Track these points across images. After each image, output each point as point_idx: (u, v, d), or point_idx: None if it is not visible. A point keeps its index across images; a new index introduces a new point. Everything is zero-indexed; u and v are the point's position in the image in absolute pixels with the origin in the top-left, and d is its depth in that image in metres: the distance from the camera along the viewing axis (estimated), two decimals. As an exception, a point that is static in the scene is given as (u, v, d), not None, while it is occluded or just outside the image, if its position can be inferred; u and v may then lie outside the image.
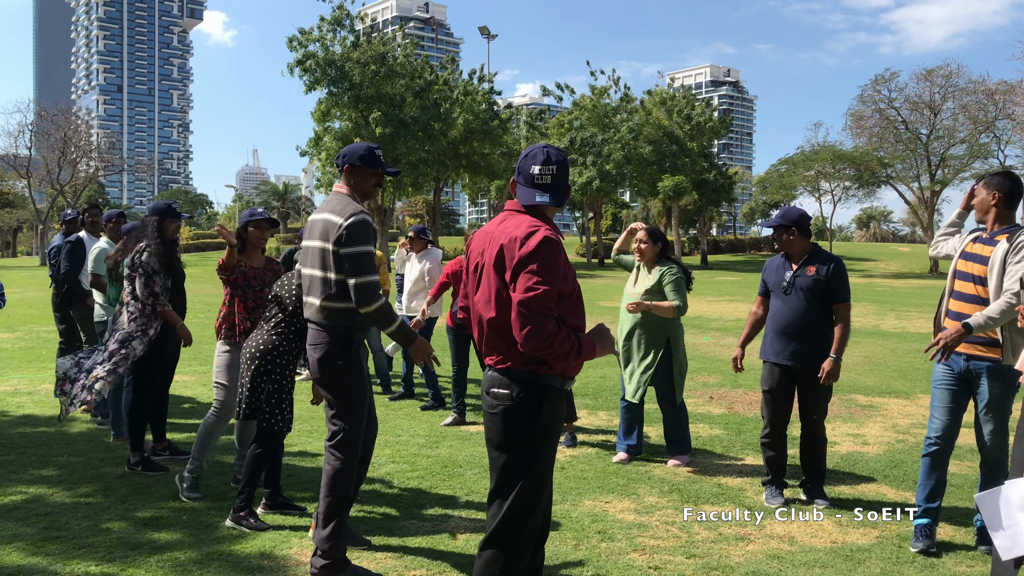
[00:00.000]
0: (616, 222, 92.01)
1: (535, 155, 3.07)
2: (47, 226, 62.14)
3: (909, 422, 7.60)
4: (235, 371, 5.13)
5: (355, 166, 4.06)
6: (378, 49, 47.31)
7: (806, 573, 4.07)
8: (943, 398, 4.47)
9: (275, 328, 4.64)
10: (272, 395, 4.63)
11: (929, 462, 4.51)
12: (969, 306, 4.32)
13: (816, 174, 58.75)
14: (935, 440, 4.48)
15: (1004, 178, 4.39)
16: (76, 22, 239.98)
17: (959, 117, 50.34)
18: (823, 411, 5.27)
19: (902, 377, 10.49)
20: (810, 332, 5.07)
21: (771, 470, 5.33)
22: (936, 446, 4.48)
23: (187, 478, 5.16)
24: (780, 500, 5.21)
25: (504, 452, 3.03)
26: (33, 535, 4.42)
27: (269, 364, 4.61)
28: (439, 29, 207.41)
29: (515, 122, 57.17)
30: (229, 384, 5.19)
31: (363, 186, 4.08)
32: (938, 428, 4.47)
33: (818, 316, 5.08)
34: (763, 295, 5.45)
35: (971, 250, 4.41)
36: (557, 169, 3.04)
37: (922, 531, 4.44)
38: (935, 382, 4.52)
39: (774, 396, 5.26)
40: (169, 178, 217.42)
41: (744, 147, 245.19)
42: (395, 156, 45.89)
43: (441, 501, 5.15)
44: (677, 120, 56.63)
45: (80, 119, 67.38)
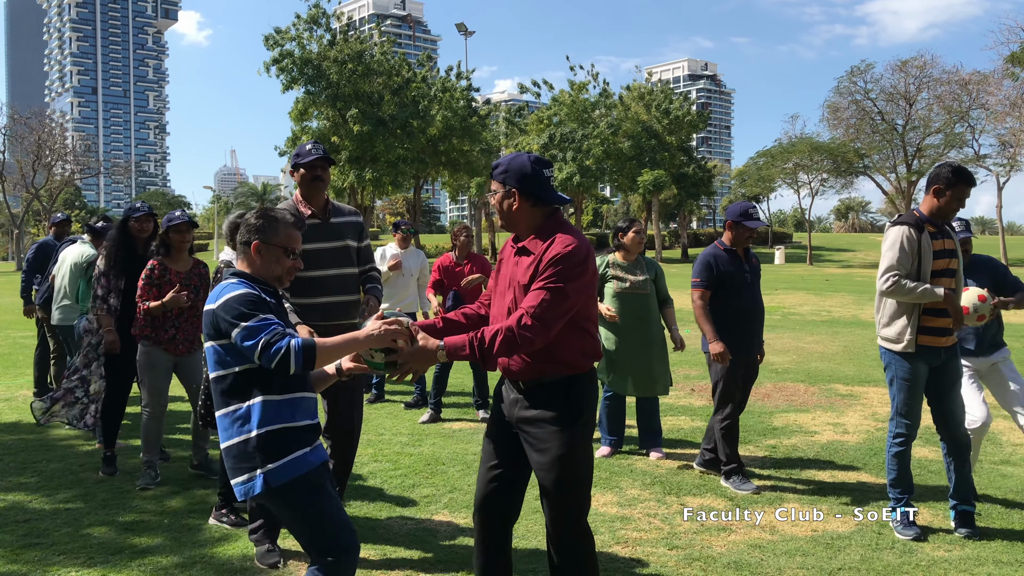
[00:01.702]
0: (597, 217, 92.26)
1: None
2: (23, 231, 61.44)
3: (888, 411, 7.67)
4: (156, 371, 5.45)
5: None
6: (355, 47, 47.13)
7: (787, 562, 4.11)
8: (919, 394, 4.56)
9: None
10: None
11: (906, 452, 4.59)
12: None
13: (794, 166, 59.08)
14: (912, 433, 4.58)
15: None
16: (48, 24, 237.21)
17: (934, 107, 50.79)
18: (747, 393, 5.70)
19: (881, 366, 10.59)
20: (750, 322, 5.42)
21: (737, 457, 5.41)
22: (911, 439, 4.59)
23: (145, 472, 5.41)
24: (753, 486, 5.31)
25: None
26: (12, 542, 4.38)
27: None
28: (416, 26, 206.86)
29: (494, 119, 57.09)
30: (149, 383, 5.45)
31: (301, 187, 4.59)
32: (916, 422, 4.57)
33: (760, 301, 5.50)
34: (707, 288, 5.39)
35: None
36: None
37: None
38: (912, 379, 4.53)
39: (738, 386, 5.46)
40: (147, 180, 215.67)
41: (723, 140, 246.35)
42: (374, 154, 45.78)
43: (424, 499, 5.15)
44: (656, 115, 56.76)
45: (54, 122, 66.69)
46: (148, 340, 5.42)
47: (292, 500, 2.84)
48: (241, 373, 2.85)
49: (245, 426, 2.84)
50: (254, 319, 2.77)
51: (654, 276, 6.27)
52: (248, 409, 2.84)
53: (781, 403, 8.20)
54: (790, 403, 8.16)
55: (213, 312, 2.85)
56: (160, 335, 5.41)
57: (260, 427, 2.82)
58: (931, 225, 4.49)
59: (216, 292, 2.89)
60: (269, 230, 2.98)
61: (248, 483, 2.84)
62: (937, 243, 4.48)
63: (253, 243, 2.97)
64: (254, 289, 2.89)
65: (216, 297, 2.87)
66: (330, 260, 4.53)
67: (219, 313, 2.82)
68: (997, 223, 52.98)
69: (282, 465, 2.81)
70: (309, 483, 2.84)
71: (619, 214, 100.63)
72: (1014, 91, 45.26)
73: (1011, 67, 42.24)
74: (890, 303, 4.54)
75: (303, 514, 2.85)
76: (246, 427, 2.83)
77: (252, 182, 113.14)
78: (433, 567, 4.05)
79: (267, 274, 2.99)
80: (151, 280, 5.37)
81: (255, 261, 2.98)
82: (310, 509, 2.85)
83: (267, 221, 3.00)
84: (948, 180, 4.41)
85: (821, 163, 56.76)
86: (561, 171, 53.01)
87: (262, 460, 2.81)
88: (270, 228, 2.99)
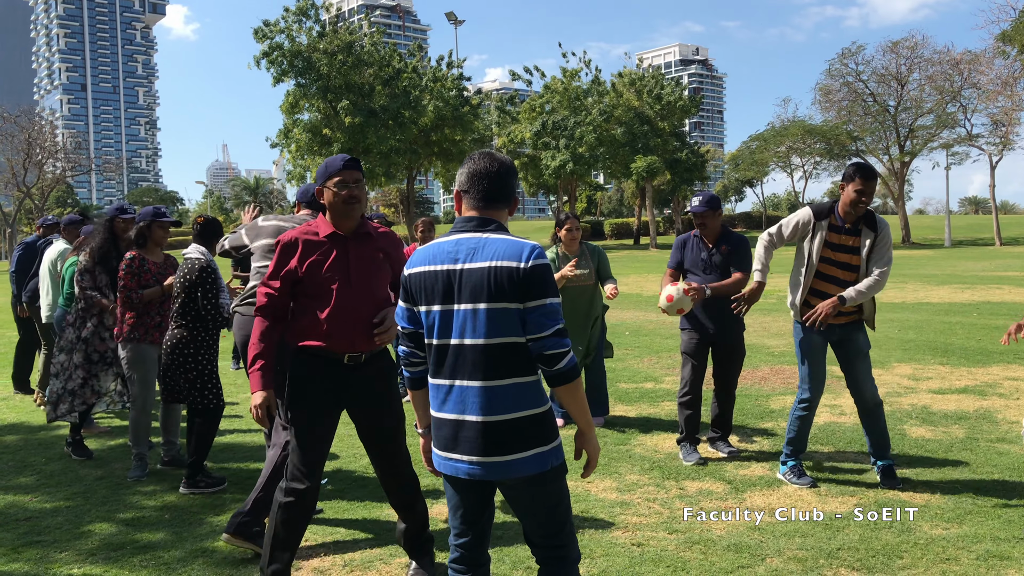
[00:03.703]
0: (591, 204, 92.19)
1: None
2: (15, 230, 61.22)
3: (885, 391, 7.70)
4: (147, 365, 5.58)
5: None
6: (345, 39, 46.95)
7: (787, 543, 4.13)
8: (818, 362, 5.05)
9: (183, 319, 5.20)
10: (196, 379, 5.18)
11: (808, 417, 5.10)
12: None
13: (787, 150, 59.15)
14: (815, 398, 5.08)
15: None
16: (35, 21, 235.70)
17: (925, 88, 50.81)
18: (738, 372, 5.91)
19: (877, 347, 10.62)
20: (728, 307, 5.55)
21: (690, 429, 5.69)
22: (814, 404, 5.09)
23: (137, 465, 5.56)
24: (698, 456, 5.62)
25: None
26: (13, 540, 4.39)
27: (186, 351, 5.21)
28: (405, 16, 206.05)
29: (486, 108, 56.95)
30: (142, 378, 5.55)
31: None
32: (819, 388, 5.09)
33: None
34: (676, 268, 5.83)
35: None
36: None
37: (801, 469, 5.11)
38: (808, 348, 5.02)
39: (698, 362, 5.76)
40: (138, 176, 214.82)
41: (715, 125, 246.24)
42: (366, 146, 45.66)
43: (426, 489, 5.14)
44: (648, 100, 56.66)
45: (44, 120, 66.30)
46: (134, 338, 5.51)
47: (563, 483, 2.73)
48: (527, 343, 2.64)
49: (542, 397, 2.68)
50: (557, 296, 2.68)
51: (597, 263, 6.66)
52: (538, 381, 2.69)
53: (778, 386, 8.23)
54: (787, 386, 8.19)
55: (528, 271, 2.58)
56: (148, 326, 5.53)
57: (546, 401, 2.71)
58: (836, 218, 4.90)
59: (524, 250, 2.60)
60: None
61: (548, 454, 2.65)
62: (834, 235, 4.89)
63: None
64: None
65: (529, 256, 2.59)
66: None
67: (540, 275, 2.59)
68: (991, 203, 53.07)
69: (560, 443, 2.72)
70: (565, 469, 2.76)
71: (613, 201, 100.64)
72: (1005, 70, 45.33)
73: (1002, 45, 42.21)
74: (792, 277, 5.08)
75: (567, 501, 2.75)
76: (543, 399, 2.68)
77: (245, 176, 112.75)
78: (435, 557, 4.06)
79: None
80: (132, 270, 5.49)
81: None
82: (568, 498, 2.76)
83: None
84: (846, 175, 4.85)
85: (814, 146, 56.85)
86: (554, 159, 52.95)
87: (554, 434, 2.69)
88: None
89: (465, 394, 2.62)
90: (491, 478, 2.63)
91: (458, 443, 2.65)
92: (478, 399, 2.61)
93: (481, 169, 2.73)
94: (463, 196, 2.76)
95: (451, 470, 2.69)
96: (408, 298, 2.76)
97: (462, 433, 2.63)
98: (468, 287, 2.60)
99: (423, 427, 2.88)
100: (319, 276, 3.57)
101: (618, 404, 7.49)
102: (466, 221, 2.70)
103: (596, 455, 2.75)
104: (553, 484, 2.68)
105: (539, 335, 2.58)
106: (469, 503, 2.75)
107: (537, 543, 2.72)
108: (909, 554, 3.96)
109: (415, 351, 2.82)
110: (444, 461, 2.71)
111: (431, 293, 2.66)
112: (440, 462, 2.73)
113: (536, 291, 2.57)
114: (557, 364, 2.59)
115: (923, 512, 4.52)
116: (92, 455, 6.09)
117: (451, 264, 2.63)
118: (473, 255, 2.62)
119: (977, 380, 8.15)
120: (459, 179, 2.79)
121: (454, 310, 2.63)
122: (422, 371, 2.84)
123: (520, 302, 2.58)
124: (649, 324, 13.18)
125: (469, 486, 2.72)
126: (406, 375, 2.87)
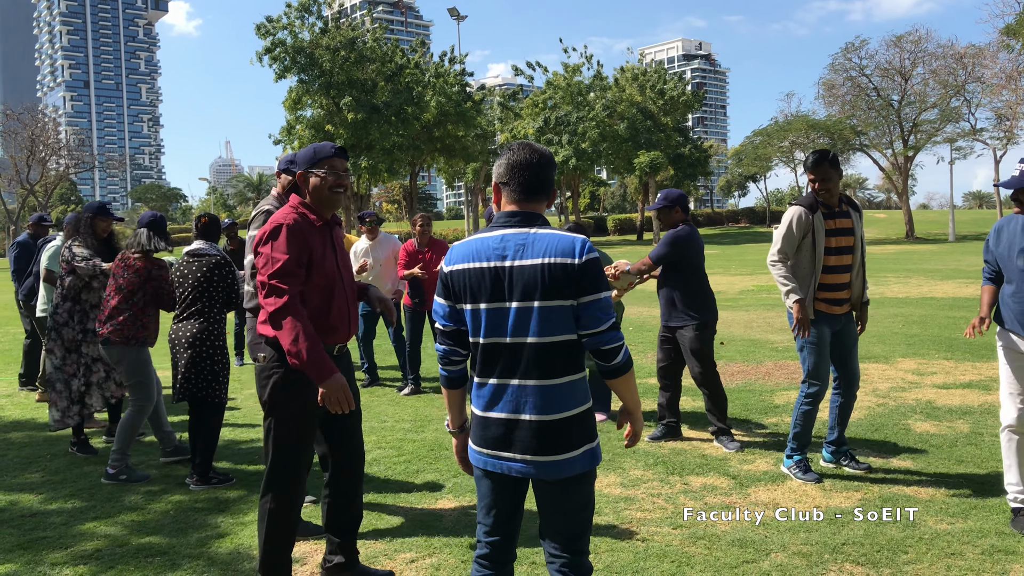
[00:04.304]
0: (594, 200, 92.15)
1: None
2: (19, 227, 61.30)
3: (889, 386, 7.69)
4: (150, 367, 5.57)
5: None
6: (347, 34, 46.92)
7: (791, 538, 4.12)
8: (826, 356, 5.11)
9: (199, 315, 5.29)
10: (215, 374, 5.29)
11: (813, 411, 5.15)
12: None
13: (790, 144, 58.99)
14: (821, 393, 5.11)
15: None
16: (38, 18, 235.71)
17: (929, 82, 50.64)
18: (697, 365, 6.01)
19: (881, 342, 10.61)
20: (671, 294, 6.04)
21: (669, 416, 6.14)
22: (819, 398, 5.13)
23: (124, 471, 5.45)
24: (657, 435, 6.13)
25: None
26: (18, 537, 4.39)
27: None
28: (408, 12, 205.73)
29: (488, 103, 56.89)
30: (148, 380, 5.51)
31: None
32: (825, 383, 5.12)
33: (674, 280, 6.04)
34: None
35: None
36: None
37: (807, 465, 5.14)
38: (819, 342, 5.06)
39: (661, 352, 6.19)
40: (141, 173, 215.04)
41: (718, 120, 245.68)
42: (369, 142, 45.66)
43: (428, 485, 5.16)
44: (651, 95, 56.58)
45: (47, 117, 66.41)
46: (142, 340, 5.47)
47: (594, 483, 2.72)
48: (580, 340, 2.62)
49: (588, 394, 2.67)
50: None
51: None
52: (585, 378, 2.68)
53: (782, 381, 8.22)
54: (791, 381, 8.18)
55: (582, 266, 2.54)
56: (150, 328, 5.51)
57: (590, 398, 2.70)
58: (823, 206, 4.98)
59: (576, 245, 2.56)
60: None
61: (595, 451, 2.65)
62: (830, 222, 4.97)
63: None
64: None
65: (581, 251, 2.55)
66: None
67: (593, 269, 2.55)
68: (994, 197, 52.91)
69: (599, 441, 2.71)
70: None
71: (616, 197, 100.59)
72: (1010, 64, 45.17)
73: (1006, 39, 42.07)
74: (797, 276, 5.09)
75: (594, 502, 2.73)
76: (589, 396, 2.67)
77: (248, 173, 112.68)
78: (439, 551, 4.07)
79: None
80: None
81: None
82: (594, 499, 2.74)
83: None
84: (806, 165, 5.01)
85: (817, 141, 56.66)
86: (557, 155, 52.85)
87: (595, 431, 2.68)
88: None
89: (520, 393, 2.58)
90: (545, 477, 2.59)
91: (511, 443, 2.59)
92: (535, 398, 2.57)
93: (521, 160, 2.66)
94: (502, 188, 2.69)
95: (501, 469, 2.63)
96: (449, 295, 2.68)
97: (517, 433, 2.58)
98: (520, 285, 2.55)
99: (456, 426, 2.83)
100: (325, 266, 3.46)
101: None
102: (509, 216, 2.64)
103: (640, 430, 2.76)
104: (589, 483, 2.67)
105: (595, 330, 2.55)
106: (505, 502, 2.71)
107: (558, 545, 2.66)
108: (914, 549, 3.96)
109: (457, 349, 2.74)
110: (490, 460, 2.65)
111: (477, 291, 2.60)
112: (484, 461, 2.67)
113: (591, 286, 2.54)
114: (615, 359, 2.58)
115: (928, 507, 4.51)
116: (97, 452, 6.10)
117: (499, 261, 2.57)
118: (522, 252, 2.56)
119: (982, 375, 8.13)
120: (497, 171, 2.71)
121: (506, 308, 2.57)
122: (461, 370, 2.79)
123: (574, 298, 2.54)
124: (653, 320, 13.17)
125: (512, 486, 2.68)
126: (443, 374, 2.80)
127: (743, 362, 9.40)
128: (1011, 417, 4.27)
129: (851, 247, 5.04)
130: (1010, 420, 4.28)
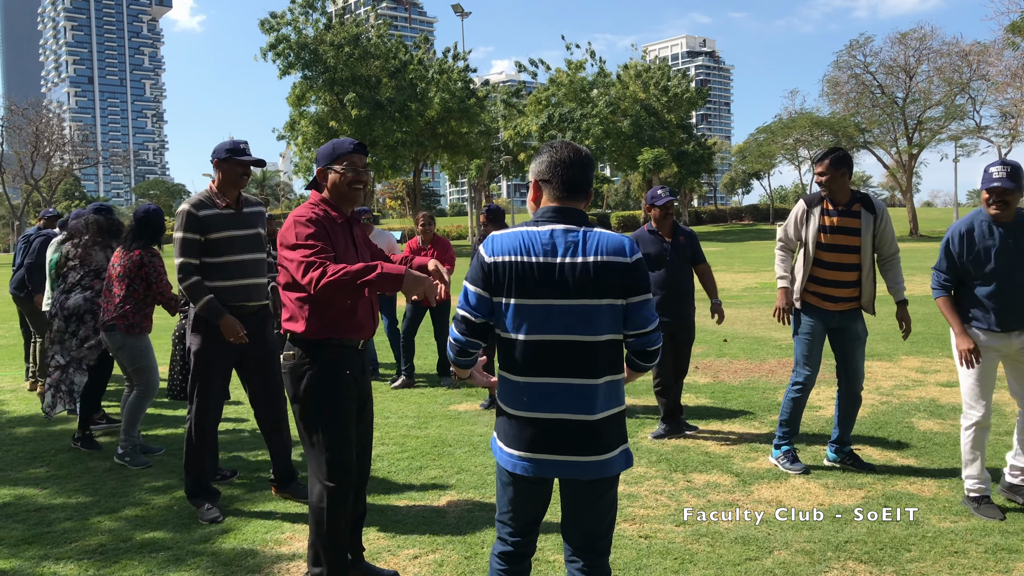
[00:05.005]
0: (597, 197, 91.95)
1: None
2: (23, 222, 61.41)
3: (892, 384, 7.69)
4: (152, 353, 5.68)
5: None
6: (351, 31, 46.90)
7: (794, 536, 4.13)
8: (816, 348, 5.18)
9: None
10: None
11: (802, 399, 5.23)
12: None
13: (795, 142, 58.99)
14: (810, 383, 5.21)
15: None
16: (42, 13, 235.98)
17: (934, 79, 50.54)
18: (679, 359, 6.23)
19: (885, 340, 10.61)
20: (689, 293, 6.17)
21: (668, 416, 6.14)
22: (808, 387, 5.22)
23: (131, 453, 5.62)
24: (660, 432, 6.12)
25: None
26: (23, 531, 4.41)
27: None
28: (412, 8, 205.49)
29: (492, 100, 56.84)
30: (152, 365, 5.62)
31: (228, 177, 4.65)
32: (814, 372, 5.21)
33: (691, 278, 6.21)
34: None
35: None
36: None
37: (795, 455, 5.24)
38: (808, 333, 5.16)
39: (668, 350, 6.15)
40: (145, 169, 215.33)
41: (722, 117, 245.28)
42: (373, 138, 45.64)
43: (432, 481, 5.17)
44: (654, 92, 56.49)
45: (51, 112, 66.43)
46: (143, 328, 5.55)
47: (618, 485, 2.72)
48: (626, 339, 2.65)
49: (623, 397, 2.68)
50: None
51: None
52: (622, 380, 2.68)
53: (785, 379, 8.21)
54: (794, 379, 8.17)
55: (633, 265, 2.56)
56: (151, 317, 5.60)
57: (624, 401, 2.71)
58: (829, 203, 5.04)
59: (626, 245, 2.58)
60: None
61: (630, 450, 2.68)
62: (831, 219, 5.00)
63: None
64: None
65: (631, 250, 2.57)
66: (243, 246, 4.66)
67: (643, 269, 2.59)
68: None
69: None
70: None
71: (619, 194, 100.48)
72: (1015, 61, 45.03)
73: (1011, 37, 41.94)
74: (797, 265, 5.23)
75: (617, 504, 2.74)
76: (623, 398, 2.68)
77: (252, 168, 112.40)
78: (442, 548, 4.08)
79: None
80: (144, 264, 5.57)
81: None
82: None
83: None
84: (813, 162, 5.20)
85: (821, 138, 56.61)
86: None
87: (626, 434, 2.70)
88: None
89: (564, 392, 2.55)
90: (586, 477, 2.57)
91: (553, 443, 2.56)
92: (582, 397, 2.55)
93: (564, 158, 2.64)
94: (543, 186, 2.66)
95: (539, 472, 2.59)
96: (488, 287, 2.60)
97: (559, 433, 2.56)
98: (572, 282, 2.52)
99: (485, 382, 2.88)
100: (347, 262, 3.36)
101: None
102: (556, 212, 2.60)
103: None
104: (616, 485, 2.68)
105: (643, 330, 2.57)
106: (536, 504, 2.70)
107: (583, 546, 2.66)
108: (917, 547, 3.96)
109: (477, 342, 2.69)
110: (525, 463, 2.60)
111: (522, 285, 2.54)
112: (516, 464, 2.61)
113: (642, 286, 2.56)
114: (654, 360, 2.63)
115: (931, 505, 4.51)
116: (101, 447, 6.12)
117: (549, 257, 2.54)
118: (574, 249, 2.53)
119: (985, 373, 8.10)
120: (537, 168, 2.68)
121: (554, 305, 2.53)
122: (472, 361, 2.77)
123: (624, 297, 2.54)
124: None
125: (545, 486, 2.67)
126: (456, 359, 2.75)
127: (746, 359, 9.40)
128: (978, 415, 4.42)
129: (855, 247, 5.01)
130: (977, 418, 4.42)
